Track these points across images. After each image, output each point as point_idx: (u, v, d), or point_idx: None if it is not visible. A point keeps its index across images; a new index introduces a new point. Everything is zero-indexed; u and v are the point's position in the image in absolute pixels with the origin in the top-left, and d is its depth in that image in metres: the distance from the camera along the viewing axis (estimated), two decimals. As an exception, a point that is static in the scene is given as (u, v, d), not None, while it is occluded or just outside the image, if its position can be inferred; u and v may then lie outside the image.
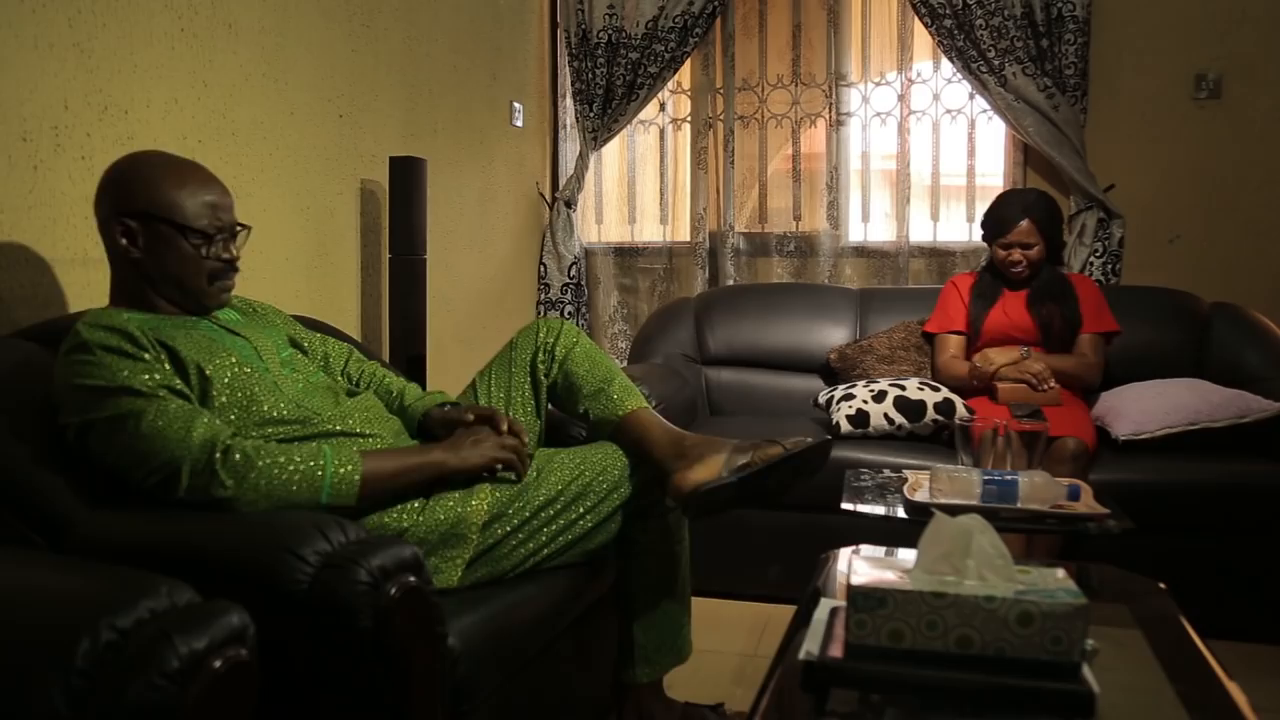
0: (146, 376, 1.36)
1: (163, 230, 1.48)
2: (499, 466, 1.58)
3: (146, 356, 1.38)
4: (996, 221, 2.76)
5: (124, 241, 1.48)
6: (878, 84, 3.64)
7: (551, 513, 1.59)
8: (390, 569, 1.23)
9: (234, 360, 1.49)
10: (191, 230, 1.49)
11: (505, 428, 1.63)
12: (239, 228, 1.57)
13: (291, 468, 1.36)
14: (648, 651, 1.76)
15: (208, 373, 1.44)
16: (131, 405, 1.33)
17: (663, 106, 3.89)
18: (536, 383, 1.79)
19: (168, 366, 1.40)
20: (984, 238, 2.84)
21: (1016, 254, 2.71)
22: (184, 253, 1.49)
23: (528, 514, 1.58)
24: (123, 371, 1.35)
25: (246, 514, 1.33)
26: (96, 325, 1.39)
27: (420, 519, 1.51)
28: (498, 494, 1.58)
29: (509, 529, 1.56)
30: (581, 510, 1.62)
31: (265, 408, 1.48)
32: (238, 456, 1.33)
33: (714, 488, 1.52)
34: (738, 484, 1.52)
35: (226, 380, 1.46)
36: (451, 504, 1.53)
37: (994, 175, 3.57)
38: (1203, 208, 3.30)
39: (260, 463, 1.34)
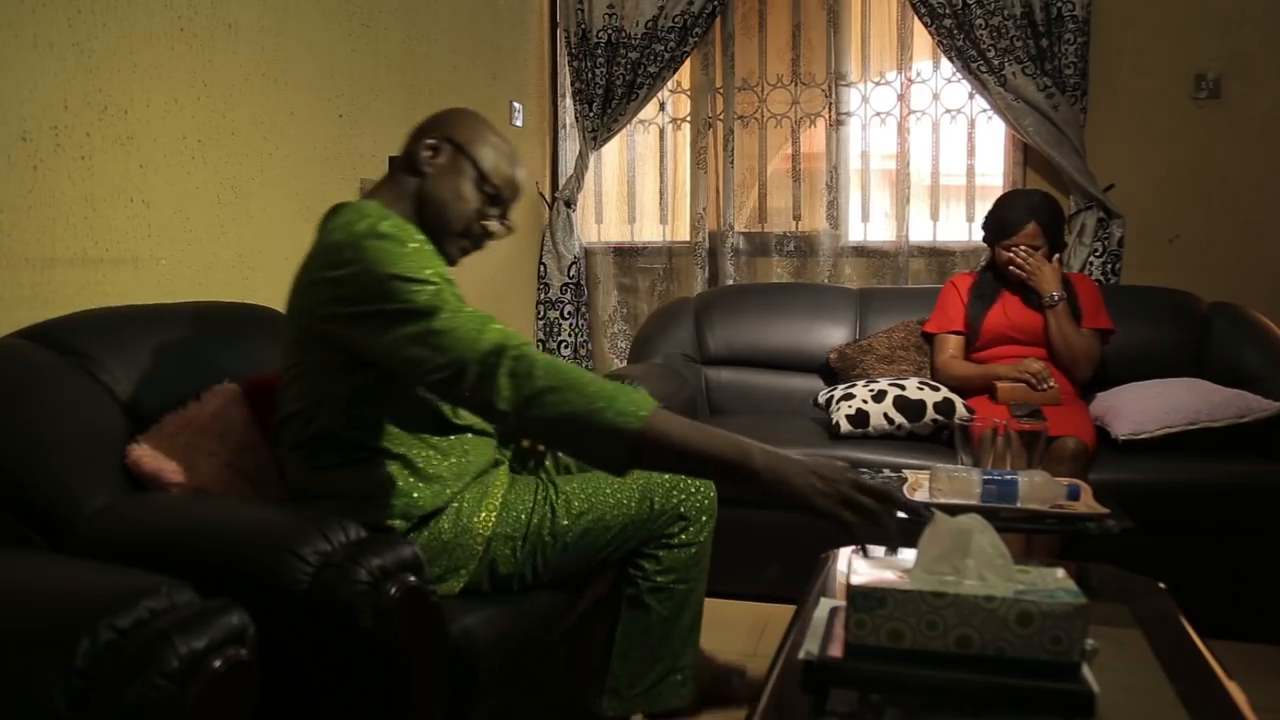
0: (445, 279, 1.37)
1: (462, 164, 1.55)
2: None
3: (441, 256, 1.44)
4: (1001, 224, 2.75)
5: (425, 154, 1.55)
6: (877, 84, 3.64)
7: (563, 544, 1.56)
8: (390, 569, 1.23)
9: None
10: (484, 179, 1.56)
11: None
12: (508, 222, 1.62)
13: (574, 394, 1.24)
14: (619, 683, 1.65)
15: None
16: (434, 299, 1.32)
17: (662, 106, 3.89)
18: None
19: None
20: (985, 239, 2.83)
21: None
22: (463, 191, 1.55)
23: (535, 541, 1.54)
24: (428, 267, 1.36)
25: (251, 512, 1.33)
26: (397, 221, 1.41)
27: (421, 529, 1.49)
28: (503, 514, 1.54)
29: (510, 550, 1.53)
30: (593, 547, 1.59)
31: None
32: (525, 369, 1.26)
33: None
34: None
35: None
36: (455, 515, 1.51)
37: (994, 175, 3.56)
38: (1203, 208, 3.30)
39: (541, 384, 1.25)
